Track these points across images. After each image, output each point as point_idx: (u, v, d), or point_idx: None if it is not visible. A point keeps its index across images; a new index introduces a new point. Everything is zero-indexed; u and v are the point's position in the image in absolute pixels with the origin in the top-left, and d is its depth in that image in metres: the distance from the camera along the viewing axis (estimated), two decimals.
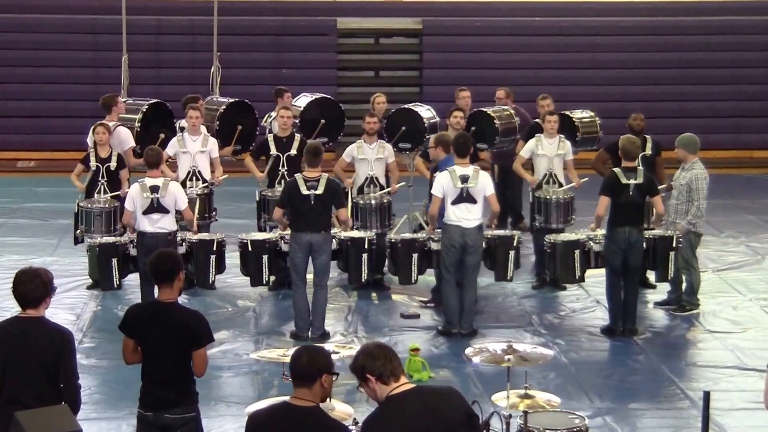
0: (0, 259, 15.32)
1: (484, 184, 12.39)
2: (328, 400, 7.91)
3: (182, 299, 7.86)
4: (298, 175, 12.39)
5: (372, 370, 5.96)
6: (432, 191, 12.60)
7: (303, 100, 15.70)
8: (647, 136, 14.19)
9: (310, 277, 12.52)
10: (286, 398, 6.15)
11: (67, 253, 15.36)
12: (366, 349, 6.07)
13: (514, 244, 13.05)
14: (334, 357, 8.22)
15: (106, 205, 13.76)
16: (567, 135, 14.67)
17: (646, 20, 24.16)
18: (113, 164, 14.03)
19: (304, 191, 12.17)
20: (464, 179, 12.32)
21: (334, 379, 6.18)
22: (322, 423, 6.11)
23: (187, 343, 7.61)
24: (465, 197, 12.30)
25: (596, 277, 13.47)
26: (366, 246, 12.89)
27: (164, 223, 12.39)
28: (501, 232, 13.47)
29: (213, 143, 14.41)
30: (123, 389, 10.61)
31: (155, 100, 15.63)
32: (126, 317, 7.87)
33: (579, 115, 15.61)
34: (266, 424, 6.12)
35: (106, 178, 13.97)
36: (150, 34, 23.34)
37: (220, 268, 13.14)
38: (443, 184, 12.38)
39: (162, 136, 14.79)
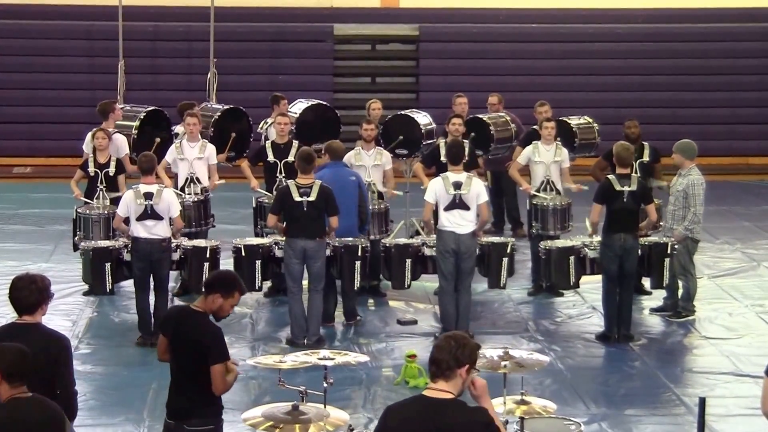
0: None
1: (477, 191, 12.37)
2: (323, 406, 7.91)
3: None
4: (290, 182, 12.38)
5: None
6: (424, 197, 12.59)
7: (299, 106, 15.70)
8: (644, 143, 14.19)
9: (305, 283, 12.52)
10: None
11: (63, 260, 15.36)
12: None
13: (508, 251, 13.04)
14: (329, 363, 8.24)
15: (105, 212, 13.75)
16: (565, 141, 14.68)
17: (642, 27, 24.17)
18: (112, 170, 14.03)
19: (297, 198, 12.16)
20: (457, 186, 12.31)
21: None
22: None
23: (197, 356, 7.42)
24: (457, 203, 12.29)
25: (592, 284, 13.50)
26: (360, 253, 12.86)
27: (159, 230, 12.37)
28: (494, 239, 13.48)
29: (211, 149, 14.40)
30: (118, 396, 10.59)
31: (153, 107, 15.63)
32: (163, 315, 7.80)
33: (577, 121, 15.62)
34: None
35: (104, 184, 13.97)
36: (146, 40, 23.33)
37: None
38: (436, 190, 12.38)
39: (158, 140, 14.79)
